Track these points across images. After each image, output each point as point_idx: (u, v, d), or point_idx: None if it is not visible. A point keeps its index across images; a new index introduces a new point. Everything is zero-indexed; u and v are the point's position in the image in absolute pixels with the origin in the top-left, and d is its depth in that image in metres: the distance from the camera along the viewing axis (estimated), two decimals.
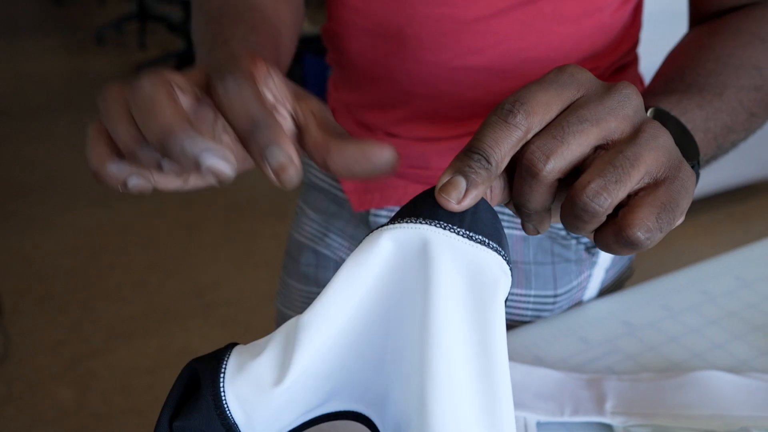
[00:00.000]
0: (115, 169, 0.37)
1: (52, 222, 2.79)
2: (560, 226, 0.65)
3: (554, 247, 0.68)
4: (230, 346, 0.39)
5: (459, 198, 0.33)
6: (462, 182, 0.33)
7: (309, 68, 3.62)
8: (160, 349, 2.12)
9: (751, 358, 0.60)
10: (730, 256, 0.75)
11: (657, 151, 0.35)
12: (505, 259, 0.34)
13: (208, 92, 0.36)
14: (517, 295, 0.69)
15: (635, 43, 0.69)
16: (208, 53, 0.47)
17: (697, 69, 0.51)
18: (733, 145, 0.51)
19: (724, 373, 0.57)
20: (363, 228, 0.76)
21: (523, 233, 0.67)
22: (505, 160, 0.34)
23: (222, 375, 0.38)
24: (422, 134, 0.67)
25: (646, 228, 0.33)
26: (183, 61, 4.42)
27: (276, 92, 0.39)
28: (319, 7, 3.07)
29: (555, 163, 0.34)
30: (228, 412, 0.38)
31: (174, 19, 5.26)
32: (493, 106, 0.61)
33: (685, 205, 0.36)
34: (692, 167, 0.41)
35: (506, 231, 0.65)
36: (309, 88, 3.67)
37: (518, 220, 0.66)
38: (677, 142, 0.39)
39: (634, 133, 0.35)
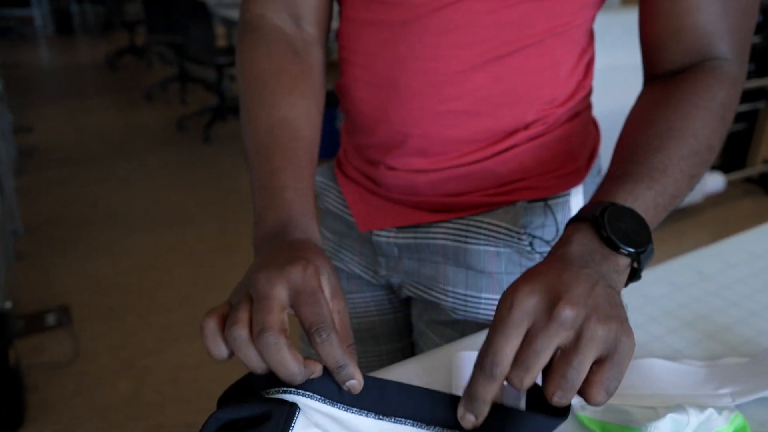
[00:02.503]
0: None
1: (111, 248, 2.77)
2: (528, 241, 0.65)
3: (521, 260, 0.66)
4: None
5: (473, 422, 0.43)
6: (472, 417, 0.42)
7: None
8: (201, 349, 2.09)
9: (683, 348, 0.59)
10: (665, 265, 0.74)
11: (596, 345, 0.39)
12: None
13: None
14: (491, 299, 0.68)
15: (588, 92, 0.69)
16: (267, 199, 0.54)
17: (645, 147, 0.52)
18: (678, 204, 0.54)
19: (662, 360, 0.56)
20: (368, 245, 0.74)
21: (497, 249, 0.66)
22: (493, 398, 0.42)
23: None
24: (414, 167, 0.66)
25: (601, 397, 0.40)
26: (217, 114, 4.35)
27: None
28: (329, 70, 3.09)
29: (527, 382, 0.40)
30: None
31: (209, 80, 5.23)
32: (470, 143, 0.62)
33: (627, 362, 0.40)
34: (648, 247, 0.46)
35: (482, 248, 0.65)
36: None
37: (494, 239, 0.66)
38: (634, 231, 0.45)
39: (576, 339, 0.39)
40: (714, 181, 2.99)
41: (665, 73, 0.60)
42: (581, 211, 0.48)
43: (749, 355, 0.57)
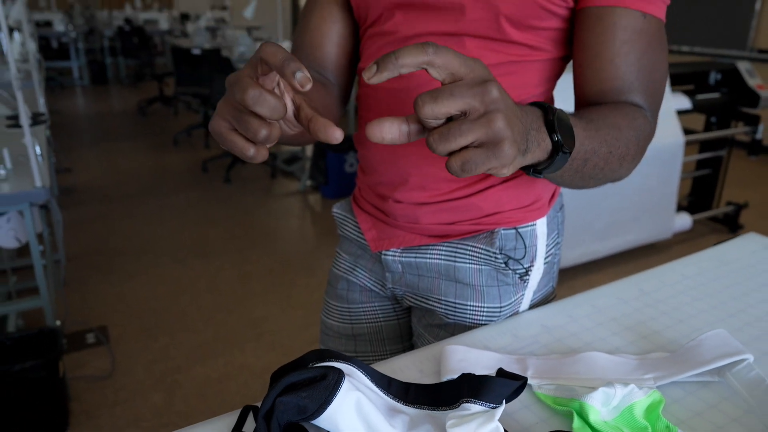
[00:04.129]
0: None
1: (143, 275, 2.85)
2: (503, 261, 0.77)
3: (498, 275, 0.76)
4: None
5: (370, 76, 0.42)
6: (374, 66, 0.42)
7: (330, 161, 3.77)
8: (225, 365, 2.17)
9: (622, 346, 0.70)
10: (615, 283, 0.84)
11: (487, 130, 0.42)
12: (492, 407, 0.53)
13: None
14: (475, 306, 0.77)
15: None
16: None
17: (592, 113, 0.61)
18: (591, 170, 0.61)
19: (604, 353, 0.66)
20: (378, 263, 0.84)
21: (479, 266, 0.76)
22: (409, 67, 0.42)
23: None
24: (415, 200, 0.76)
25: (456, 166, 0.43)
26: (237, 157, 4.47)
27: (284, 87, 0.51)
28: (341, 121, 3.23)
29: (427, 112, 0.42)
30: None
31: None
32: (458, 182, 0.74)
33: (493, 162, 0.43)
34: (564, 150, 0.52)
35: (468, 266, 0.77)
36: (330, 173, 3.79)
37: (477, 259, 0.78)
38: (566, 133, 0.52)
39: (479, 116, 0.43)
40: (682, 220, 3.10)
41: (591, 102, 0.69)
42: (545, 102, 0.55)
43: (671, 351, 0.69)
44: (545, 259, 0.80)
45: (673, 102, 2.89)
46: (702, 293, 0.83)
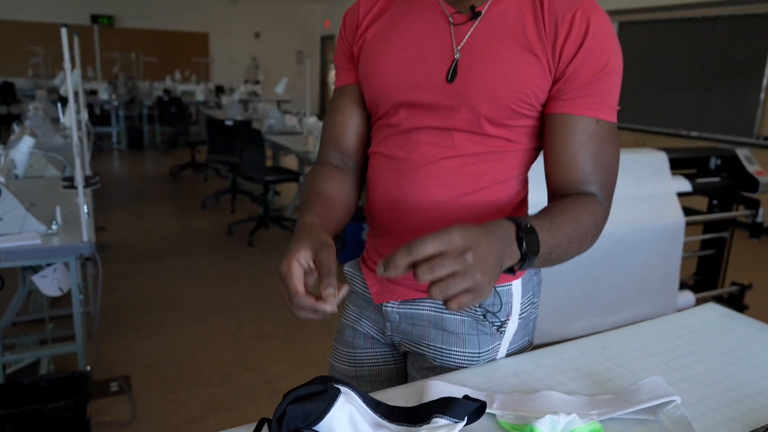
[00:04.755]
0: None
1: (167, 330, 2.99)
2: (482, 313, 0.92)
3: (478, 326, 0.90)
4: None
5: (381, 272, 0.62)
6: (381, 268, 0.62)
7: (349, 229, 3.96)
8: (239, 418, 2.26)
9: (577, 390, 0.82)
10: (581, 340, 0.98)
11: (470, 282, 0.62)
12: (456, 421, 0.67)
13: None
14: (458, 351, 0.91)
15: None
16: (300, 217, 0.83)
17: (555, 211, 0.79)
18: (558, 256, 0.77)
19: (559, 393, 0.79)
20: (379, 314, 0.99)
21: (462, 318, 0.90)
22: (404, 268, 0.62)
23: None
24: None
25: (454, 306, 0.61)
26: (260, 222, 4.69)
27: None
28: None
29: (423, 277, 0.61)
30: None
31: (255, 193, 5.68)
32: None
33: (478, 299, 0.63)
34: (531, 258, 0.71)
35: (453, 317, 0.92)
36: (348, 239, 3.95)
37: (461, 312, 0.92)
38: (532, 245, 0.71)
39: (463, 273, 0.62)
40: (685, 298, 3.19)
41: (562, 189, 0.87)
42: (518, 217, 0.73)
43: (616, 394, 0.82)
44: (520, 314, 0.95)
45: (674, 184, 3.05)
46: (656, 351, 0.97)
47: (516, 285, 0.94)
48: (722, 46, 5.44)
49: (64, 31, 1.83)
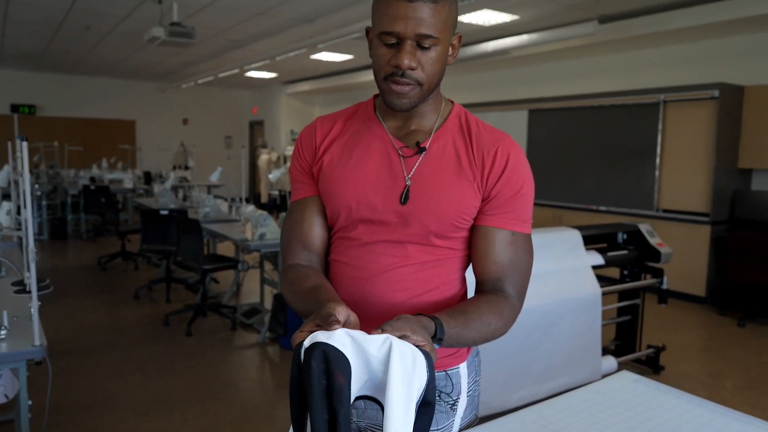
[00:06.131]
0: None
1: (107, 431, 2.91)
2: (438, 390, 1.07)
3: (436, 404, 1.07)
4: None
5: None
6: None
7: (290, 313, 4.01)
8: None
9: None
10: (523, 410, 1.16)
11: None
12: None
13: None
14: None
15: None
16: (316, 304, 0.93)
17: (467, 309, 0.97)
18: (464, 342, 0.96)
19: None
20: None
21: None
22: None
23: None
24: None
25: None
26: (198, 310, 4.66)
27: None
28: None
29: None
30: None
31: (190, 281, 5.64)
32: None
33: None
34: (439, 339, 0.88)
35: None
36: (289, 324, 3.98)
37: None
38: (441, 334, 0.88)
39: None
40: (608, 363, 3.45)
41: (486, 285, 1.08)
42: (436, 315, 0.91)
43: None
44: (468, 392, 1.11)
45: (589, 259, 3.37)
46: (582, 417, 1.15)
47: (462, 368, 1.11)
48: (619, 131, 6.11)
49: None
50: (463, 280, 1.13)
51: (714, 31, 5.24)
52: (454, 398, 1.08)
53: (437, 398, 1.07)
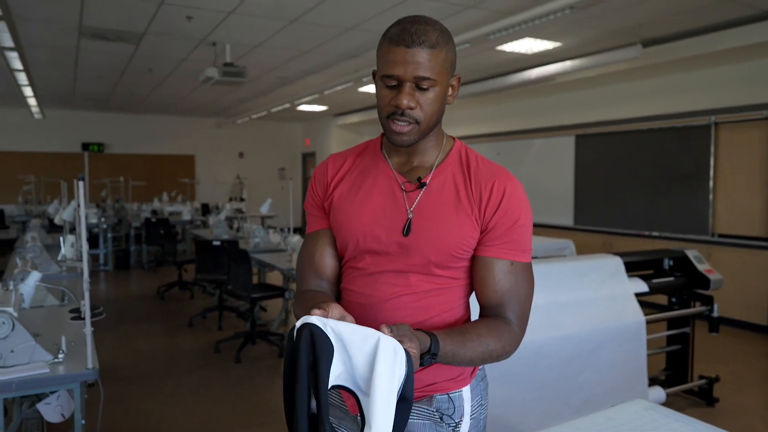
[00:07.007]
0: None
1: None
2: (439, 416, 1.12)
3: (437, 426, 1.10)
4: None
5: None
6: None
7: None
8: None
9: None
10: (548, 430, 1.20)
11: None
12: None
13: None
14: None
15: None
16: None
17: (465, 331, 1.03)
18: (460, 362, 1.02)
19: None
20: (354, 424, 1.17)
21: (422, 421, 1.10)
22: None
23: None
24: None
25: None
26: (248, 338, 4.80)
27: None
28: None
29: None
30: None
31: (242, 309, 5.82)
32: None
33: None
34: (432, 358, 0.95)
35: (416, 421, 1.12)
36: None
37: (422, 416, 1.13)
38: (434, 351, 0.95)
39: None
40: (655, 394, 3.35)
41: (488, 311, 1.13)
42: (434, 332, 0.98)
43: None
44: (471, 415, 1.16)
45: (631, 286, 3.32)
46: None
47: (465, 391, 1.16)
48: (669, 154, 5.98)
49: (81, 185, 2.11)
50: (467, 306, 1.19)
51: (763, 51, 5.10)
52: (456, 420, 1.13)
53: (439, 420, 1.13)
